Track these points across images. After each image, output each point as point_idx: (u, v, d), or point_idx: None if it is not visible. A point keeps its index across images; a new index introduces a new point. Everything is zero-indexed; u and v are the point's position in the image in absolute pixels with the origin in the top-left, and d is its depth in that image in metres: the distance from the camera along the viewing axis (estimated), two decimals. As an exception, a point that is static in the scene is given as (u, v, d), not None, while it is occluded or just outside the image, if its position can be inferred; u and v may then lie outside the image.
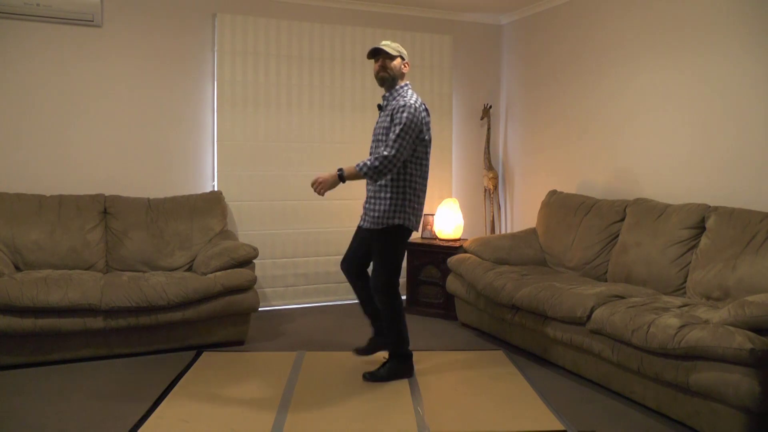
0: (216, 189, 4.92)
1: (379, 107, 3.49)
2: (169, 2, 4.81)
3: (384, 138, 3.32)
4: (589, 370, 3.43)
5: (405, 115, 3.24)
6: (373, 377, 3.45)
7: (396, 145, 3.20)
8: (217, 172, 4.94)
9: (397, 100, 3.34)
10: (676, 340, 2.80)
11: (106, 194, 4.52)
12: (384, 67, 3.38)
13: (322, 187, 3.24)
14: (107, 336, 3.76)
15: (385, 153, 3.19)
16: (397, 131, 3.22)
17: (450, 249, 4.88)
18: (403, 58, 3.41)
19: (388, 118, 3.32)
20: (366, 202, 3.45)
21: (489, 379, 3.53)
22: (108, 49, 4.64)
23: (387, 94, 3.43)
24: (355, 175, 3.23)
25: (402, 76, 3.43)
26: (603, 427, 2.93)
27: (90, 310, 3.65)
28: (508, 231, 5.82)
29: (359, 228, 3.55)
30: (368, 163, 3.20)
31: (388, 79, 3.39)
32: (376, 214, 3.34)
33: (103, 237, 4.35)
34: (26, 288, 3.55)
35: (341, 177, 3.24)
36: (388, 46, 3.38)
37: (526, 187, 5.65)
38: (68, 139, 4.57)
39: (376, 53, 3.40)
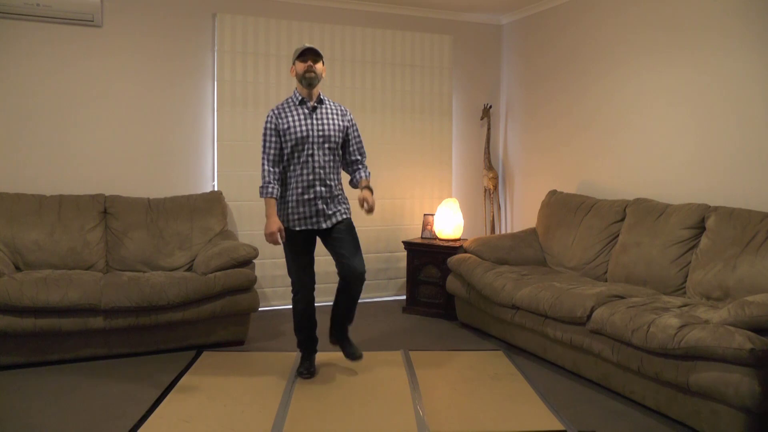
0: (216, 189, 4.92)
1: (313, 108, 3.43)
2: (169, 2, 4.81)
3: (338, 140, 3.47)
4: (589, 370, 3.43)
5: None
6: (356, 354, 3.59)
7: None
8: (217, 172, 4.94)
9: (338, 105, 3.55)
10: (676, 340, 2.80)
11: (106, 194, 4.52)
12: (315, 69, 3.37)
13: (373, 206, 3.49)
14: (107, 336, 3.76)
15: (365, 158, 3.63)
16: (359, 136, 3.61)
17: (450, 249, 4.88)
18: (323, 63, 3.46)
19: (340, 121, 3.48)
20: (322, 203, 3.41)
21: (489, 379, 3.53)
22: (108, 49, 4.64)
23: (321, 98, 3.45)
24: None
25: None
26: (603, 427, 2.92)
27: (90, 310, 3.65)
28: (508, 231, 5.82)
29: (304, 238, 3.47)
30: (368, 171, 3.62)
31: (316, 81, 3.39)
32: (344, 207, 3.53)
33: (103, 237, 4.35)
34: (26, 288, 3.55)
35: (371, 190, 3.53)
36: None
37: (526, 187, 5.65)
38: (68, 139, 4.57)
39: (316, 54, 3.38)
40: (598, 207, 4.37)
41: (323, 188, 3.41)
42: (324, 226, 3.44)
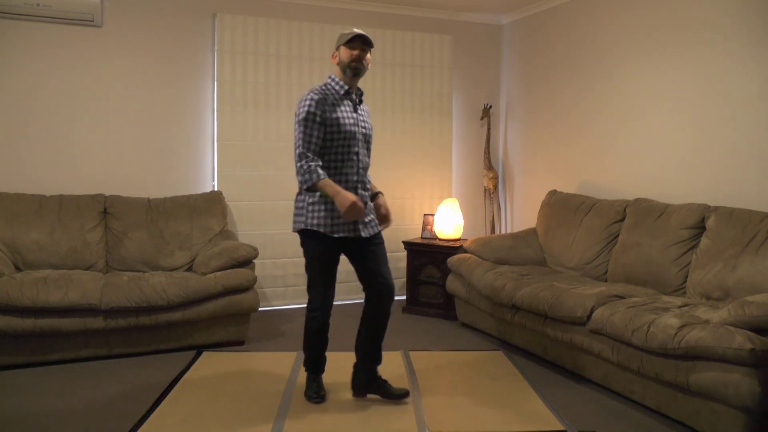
0: (216, 189, 4.93)
1: (359, 101, 3.18)
2: (169, 2, 4.81)
3: (372, 140, 3.25)
4: (589, 370, 3.43)
5: None
6: (399, 395, 3.19)
7: None
8: (217, 172, 4.94)
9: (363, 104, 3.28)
10: (676, 340, 2.80)
11: (106, 194, 4.52)
12: (365, 60, 3.09)
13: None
14: (107, 336, 3.76)
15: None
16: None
17: (450, 249, 4.88)
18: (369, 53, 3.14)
19: (370, 120, 3.27)
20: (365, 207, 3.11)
21: (489, 379, 3.53)
22: (108, 49, 4.64)
23: (359, 91, 3.18)
24: None
25: None
26: (603, 427, 2.92)
27: (90, 310, 3.65)
28: (508, 231, 5.82)
29: (339, 248, 3.07)
30: None
31: (362, 71, 3.10)
32: (374, 216, 3.22)
33: (103, 237, 4.35)
34: (26, 288, 3.55)
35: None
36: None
37: (526, 187, 5.65)
38: (68, 139, 4.57)
39: (366, 42, 3.07)
40: (598, 207, 4.37)
41: (364, 192, 3.11)
42: (363, 234, 3.05)
